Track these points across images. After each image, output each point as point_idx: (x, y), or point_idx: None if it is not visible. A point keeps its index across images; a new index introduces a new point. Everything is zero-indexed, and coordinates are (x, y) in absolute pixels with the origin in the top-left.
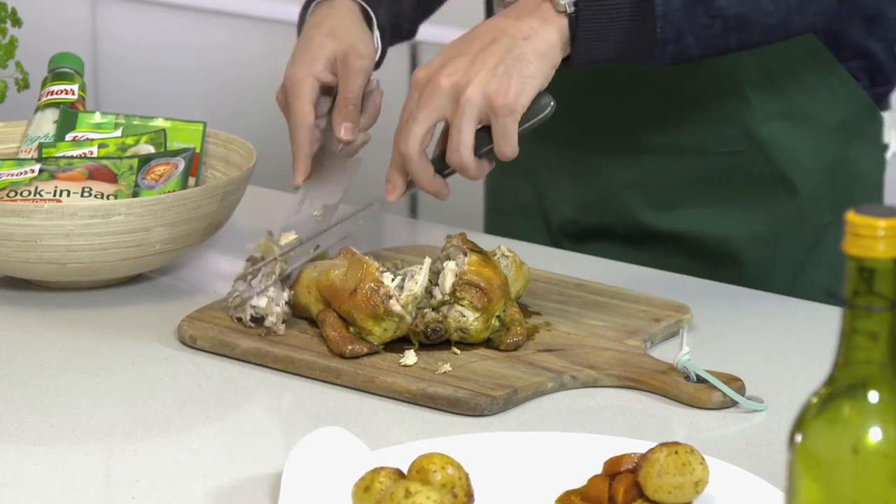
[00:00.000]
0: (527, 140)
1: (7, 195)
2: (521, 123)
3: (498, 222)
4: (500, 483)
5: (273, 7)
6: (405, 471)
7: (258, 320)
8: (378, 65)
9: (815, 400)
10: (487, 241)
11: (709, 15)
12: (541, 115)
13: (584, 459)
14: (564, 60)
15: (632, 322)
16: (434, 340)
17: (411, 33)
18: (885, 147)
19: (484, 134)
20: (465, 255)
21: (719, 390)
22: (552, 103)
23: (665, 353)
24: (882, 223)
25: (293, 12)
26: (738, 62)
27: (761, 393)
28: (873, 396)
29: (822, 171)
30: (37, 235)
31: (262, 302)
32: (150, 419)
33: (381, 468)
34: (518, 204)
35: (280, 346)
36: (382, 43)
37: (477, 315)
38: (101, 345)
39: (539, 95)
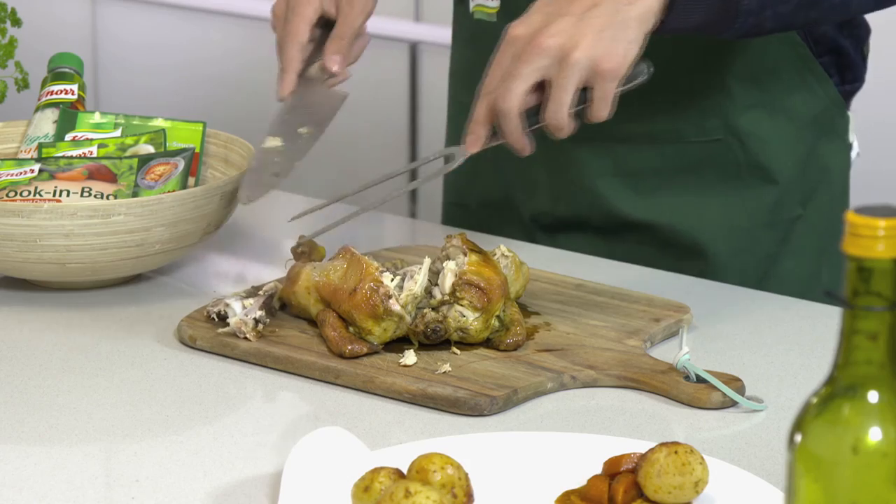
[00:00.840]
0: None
1: (7, 195)
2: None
3: (460, 216)
4: (500, 483)
5: None
6: (405, 471)
7: (222, 318)
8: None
9: (814, 400)
10: (487, 241)
11: None
12: (638, 80)
13: (584, 459)
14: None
15: (632, 322)
16: (434, 340)
17: None
18: (850, 146)
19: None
20: (465, 255)
21: (719, 390)
22: (649, 69)
23: (665, 353)
24: (882, 223)
25: None
26: (722, 53)
27: (761, 393)
28: (873, 396)
29: (795, 164)
30: (37, 235)
31: (237, 306)
32: (150, 419)
33: (381, 468)
34: (484, 197)
35: (280, 346)
36: None
37: (477, 315)
38: (101, 345)
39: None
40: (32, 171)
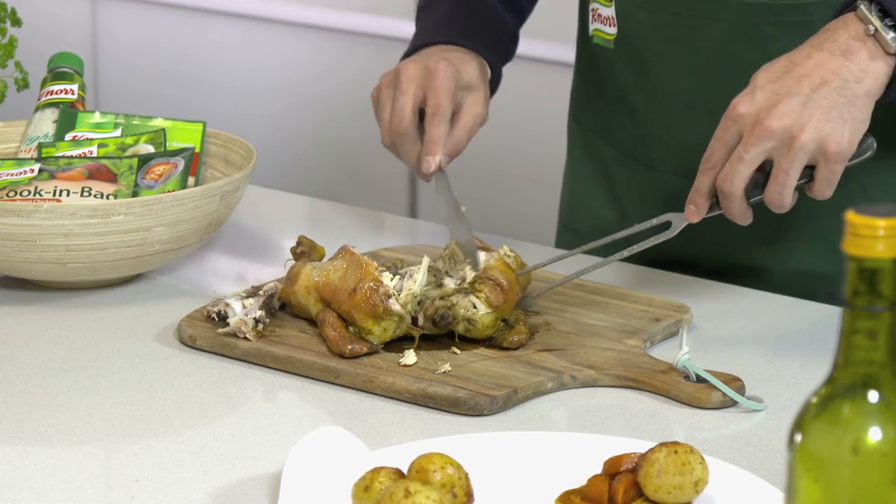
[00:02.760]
0: (618, 164)
1: (7, 195)
2: None
3: (571, 239)
4: (500, 483)
5: (272, 7)
6: (405, 471)
7: (223, 318)
8: None
9: (814, 400)
10: (489, 242)
11: None
12: (863, 156)
13: (584, 459)
14: None
15: (632, 322)
16: (441, 328)
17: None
18: None
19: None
20: (489, 251)
21: (719, 390)
22: (874, 143)
23: (665, 353)
24: (882, 223)
25: (292, 13)
26: None
27: (761, 393)
28: (873, 396)
29: None
30: (36, 235)
31: (237, 306)
32: (150, 419)
33: (381, 468)
34: (595, 223)
35: (280, 346)
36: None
37: (488, 311)
38: (101, 345)
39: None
40: (32, 170)
